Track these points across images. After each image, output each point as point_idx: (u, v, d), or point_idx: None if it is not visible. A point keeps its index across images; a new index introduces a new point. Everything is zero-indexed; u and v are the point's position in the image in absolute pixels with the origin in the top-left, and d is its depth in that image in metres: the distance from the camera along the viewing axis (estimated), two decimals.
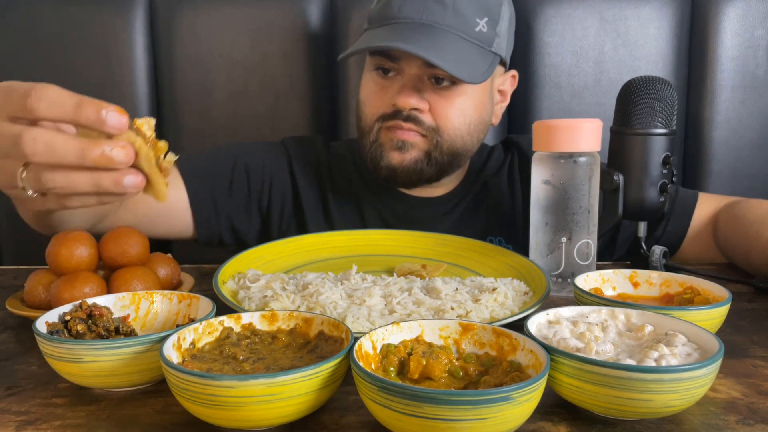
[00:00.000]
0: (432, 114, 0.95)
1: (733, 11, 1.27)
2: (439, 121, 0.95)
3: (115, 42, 1.25)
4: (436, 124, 0.95)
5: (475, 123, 0.99)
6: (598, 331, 0.53)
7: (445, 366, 0.49)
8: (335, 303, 0.66)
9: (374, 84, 0.99)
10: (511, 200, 1.08)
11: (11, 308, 0.69)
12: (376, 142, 0.98)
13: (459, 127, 0.97)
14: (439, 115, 0.95)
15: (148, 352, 0.50)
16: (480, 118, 1.00)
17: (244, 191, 1.05)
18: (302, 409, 0.45)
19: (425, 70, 0.94)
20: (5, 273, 0.95)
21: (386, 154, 0.97)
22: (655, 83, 0.86)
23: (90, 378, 0.51)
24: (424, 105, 0.94)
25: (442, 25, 0.90)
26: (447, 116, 0.95)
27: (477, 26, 0.92)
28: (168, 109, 1.29)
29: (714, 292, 0.64)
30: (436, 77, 0.94)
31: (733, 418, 0.48)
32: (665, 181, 0.88)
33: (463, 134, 0.98)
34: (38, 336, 0.52)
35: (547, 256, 0.82)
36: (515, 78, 1.07)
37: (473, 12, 0.92)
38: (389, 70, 0.97)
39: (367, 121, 0.99)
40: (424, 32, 0.90)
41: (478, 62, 0.92)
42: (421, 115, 0.95)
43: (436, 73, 0.94)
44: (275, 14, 1.26)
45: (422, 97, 0.94)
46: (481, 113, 1.00)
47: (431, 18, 0.90)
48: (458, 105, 0.96)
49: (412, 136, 0.96)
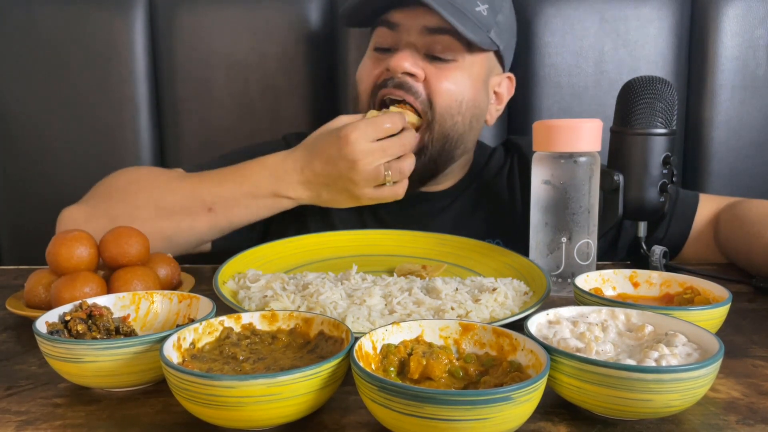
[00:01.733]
0: (425, 84, 0.94)
1: (733, 11, 1.27)
2: (431, 93, 0.94)
3: (115, 42, 1.25)
4: (428, 97, 0.94)
5: (467, 103, 0.96)
6: (599, 331, 0.53)
7: (445, 366, 0.49)
8: (335, 303, 0.66)
9: (369, 60, 0.99)
10: (510, 202, 1.08)
11: (11, 308, 0.69)
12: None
13: (452, 104, 0.95)
14: (432, 86, 0.94)
15: (148, 352, 0.51)
16: (474, 101, 0.98)
17: None
18: (302, 409, 0.45)
19: (424, 39, 0.93)
20: (5, 273, 0.95)
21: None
22: (655, 83, 0.86)
23: (90, 378, 0.51)
24: (419, 71, 0.93)
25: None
26: (440, 89, 0.94)
27: (477, 6, 0.92)
28: (168, 109, 1.29)
29: (714, 292, 0.64)
30: (432, 54, 0.94)
31: (733, 418, 0.48)
32: (665, 181, 0.88)
33: (453, 113, 0.95)
34: (38, 336, 0.52)
35: (547, 256, 0.82)
36: (512, 81, 1.07)
37: None
38: (388, 48, 0.96)
39: (363, 97, 0.99)
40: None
41: (478, 33, 0.92)
42: (415, 84, 0.93)
43: (433, 47, 0.93)
44: (275, 14, 1.26)
45: (417, 63, 0.93)
46: (475, 96, 0.98)
47: None
48: (453, 78, 0.95)
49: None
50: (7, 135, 1.26)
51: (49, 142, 1.26)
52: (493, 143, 1.20)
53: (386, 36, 0.96)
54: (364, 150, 0.86)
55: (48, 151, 1.25)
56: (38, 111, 1.26)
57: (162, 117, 1.30)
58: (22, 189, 1.28)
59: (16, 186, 1.28)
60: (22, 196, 1.28)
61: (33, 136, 1.26)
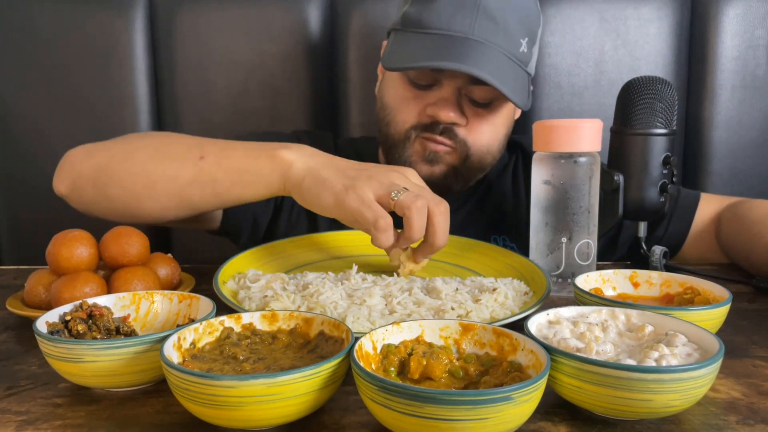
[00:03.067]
0: (468, 130, 0.95)
1: (733, 11, 1.27)
2: (472, 138, 0.95)
3: (115, 42, 1.25)
4: (469, 140, 0.95)
5: (503, 140, 1.00)
6: (599, 331, 0.53)
7: (445, 366, 0.49)
8: (335, 303, 0.66)
9: (406, 91, 0.96)
10: (514, 200, 1.08)
11: (11, 308, 0.69)
12: (408, 151, 0.96)
13: (490, 144, 0.97)
14: (474, 132, 0.95)
15: (149, 352, 0.51)
16: (507, 135, 1.01)
17: None
18: (302, 409, 0.45)
19: (466, 86, 0.93)
20: (5, 273, 0.95)
21: (415, 165, 0.96)
22: (655, 83, 0.86)
23: (90, 378, 0.51)
24: (464, 120, 0.94)
25: (492, 43, 0.87)
26: (482, 134, 0.95)
27: (521, 47, 0.90)
28: (168, 110, 1.29)
29: (714, 292, 0.64)
30: (472, 98, 0.94)
31: (733, 418, 0.48)
32: (665, 181, 0.88)
33: (494, 152, 0.99)
34: (39, 336, 0.52)
35: (547, 256, 0.82)
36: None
37: (519, 31, 0.89)
38: (426, 85, 0.94)
39: (398, 128, 0.97)
40: (478, 50, 0.86)
41: (524, 84, 0.92)
42: (457, 130, 0.94)
43: (474, 93, 0.93)
44: (275, 15, 1.26)
45: (462, 113, 0.93)
46: (508, 130, 1.01)
47: (482, 35, 0.87)
48: (493, 123, 0.96)
49: (443, 150, 0.95)
50: (7, 135, 1.26)
51: (49, 142, 1.26)
52: None
53: (426, 75, 0.93)
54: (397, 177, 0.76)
55: (48, 151, 1.25)
56: (38, 111, 1.26)
57: (162, 117, 1.30)
58: (22, 189, 1.28)
59: (17, 186, 1.28)
60: (23, 196, 1.28)
61: (33, 136, 1.26)
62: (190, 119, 1.29)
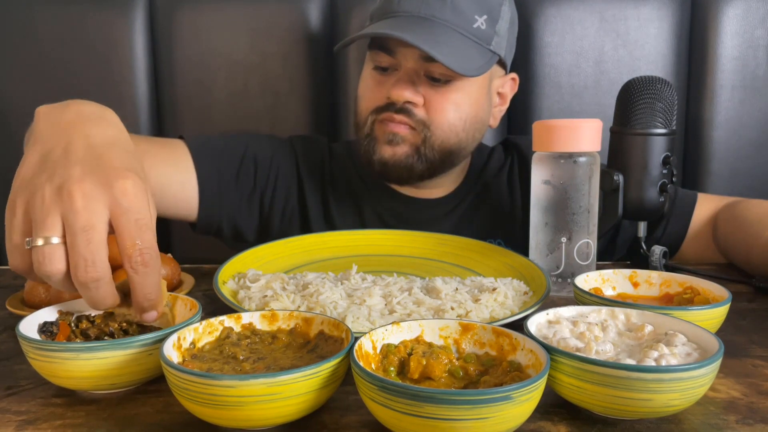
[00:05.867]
0: (426, 108, 0.96)
1: (733, 11, 1.27)
2: (431, 115, 0.96)
3: (115, 42, 1.25)
4: (428, 118, 0.96)
5: (470, 120, 0.99)
6: (598, 330, 0.53)
7: (445, 366, 0.49)
8: (335, 303, 0.66)
9: (371, 80, 1.00)
10: (510, 202, 1.08)
11: (11, 308, 0.69)
12: (370, 135, 0.98)
13: (453, 122, 0.97)
14: (432, 110, 0.95)
15: (149, 352, 0.50)
16: (476, 116, 0.99)
17: (249, 182, 1.05)
18: (302, 408, 0.45)
19: (422, 64, 0.94)
20: (5, 273, 0.95)
21: (378, 147, 0.98)
22: (655, 83, 0.86)
23: (90, 380, 0.51)
24: (419, 99, 0.95)
25: (440, 19, 0.91)
26: (441, 111, 0.96)
27: (475, 23, 0.93)
28: (168, 109, 1.29)
29: (714, 292, 0.64)
30: (432, 76, 0.94)
31: (733, 418, 0.48)
32: (665, 181, 0.88)
33: (457, 131, 0.98)
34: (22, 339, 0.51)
35: (547, 256, 0.82)
36: (515, 81, 1.07)
37: (472, 8, 0.92)
38: (387, 68, 0.97)
39: (362, 115, 1.00)
40: (421, 24, 0.90)
41: (474, 57, 0.92)
42: (415, 109, 0.95)
43: (432, 70, 0.94)
44: (275, 14, 1.26)
45: (417, 90, 0.95)
46: (477, 111, 0.99)
47: (429, 12, 0.91)
48: (453, 100, 0.96)
49: (403, 129, 0.96)
50: (8, 134, 1.26)
51: None
52: (492, 143, 1.20)
53: (385, 57, 0.97)
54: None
55: None
56: None
57: (162, 117, 1.30)
58: None
59: None
60: None
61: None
62: (189, 119, 1.29)
